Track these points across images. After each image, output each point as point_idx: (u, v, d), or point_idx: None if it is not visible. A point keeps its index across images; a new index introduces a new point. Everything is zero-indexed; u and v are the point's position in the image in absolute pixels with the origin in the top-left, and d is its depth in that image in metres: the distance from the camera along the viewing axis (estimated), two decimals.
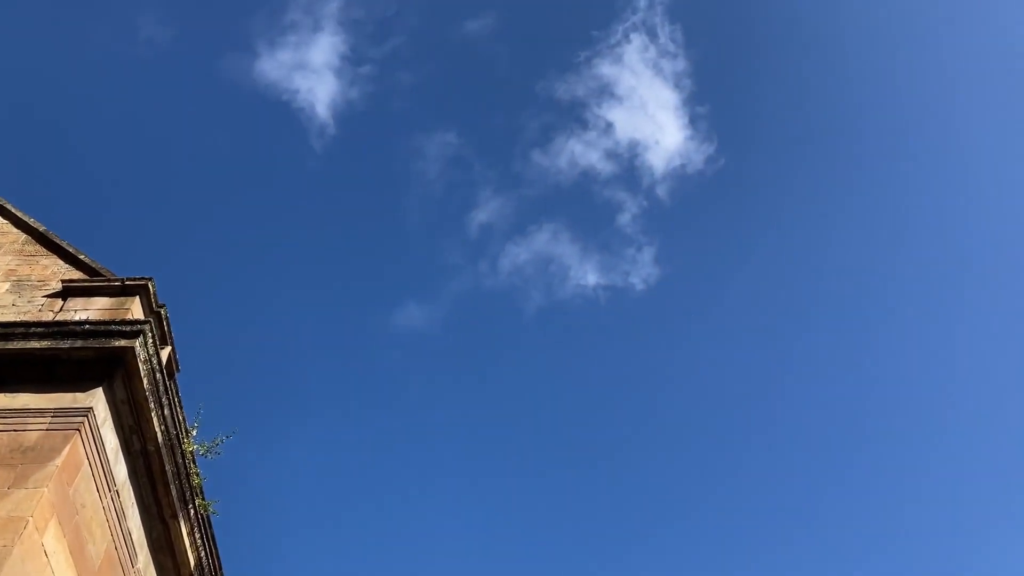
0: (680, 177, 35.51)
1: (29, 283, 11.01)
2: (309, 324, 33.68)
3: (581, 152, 35.90)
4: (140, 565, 10.14)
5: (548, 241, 34.72)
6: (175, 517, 10.22)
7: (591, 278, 34.90)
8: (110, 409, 9.65)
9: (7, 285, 11.00)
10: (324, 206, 34.69)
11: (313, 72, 34.92)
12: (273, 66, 34.57)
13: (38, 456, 9.01)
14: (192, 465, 10.37)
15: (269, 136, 35.01)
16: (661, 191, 35.75)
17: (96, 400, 9.38)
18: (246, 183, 34.21)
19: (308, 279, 34.02)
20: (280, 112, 34.89)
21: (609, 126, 36.33)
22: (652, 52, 36.72)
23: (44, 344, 9.57)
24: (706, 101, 36.63)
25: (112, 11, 33.91)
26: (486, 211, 34.97)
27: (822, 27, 37.44)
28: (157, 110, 34.27)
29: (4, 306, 10.66)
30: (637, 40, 36.78)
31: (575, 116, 36.63)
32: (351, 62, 35.38)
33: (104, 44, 33.60)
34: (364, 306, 34.09)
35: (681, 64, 36.43)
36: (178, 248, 32.68)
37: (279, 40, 35.06)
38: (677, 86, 36.42)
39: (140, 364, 9.68)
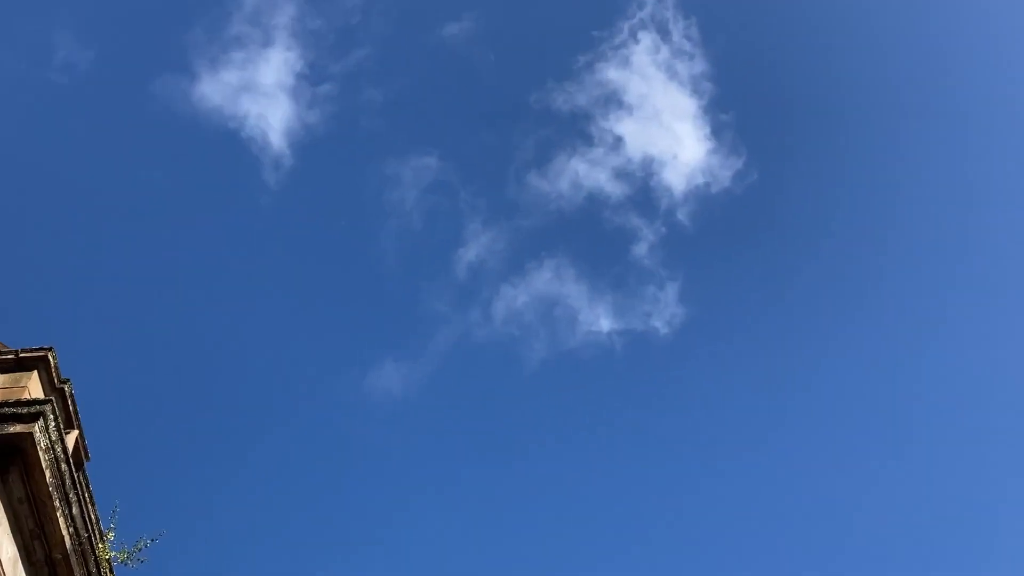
0: (704, 197, 35.26)
1: None
2: (259, 393, 33.24)
3: (586, 172, 35.47)
4: None
5: (551, 280, 34.27)
6: None
7: (604, 322, 34.33)
8: (6, 511, 9.31)
9: None
10: (280, 250, 34.28)
11: (263, 94, 34.65)
12: (215, 88, 34.32)
13: None
14: None
15: (213, 170, 34.77)
16: (683, 215, 35.24)
17: None
18: (184, 226, 33.84)
19: (259, 339, 33.50)
20: (226, 142, 34.70)
21: (618, 141, 35.82)
22: (664, 52, 36.51)
23: None
24: (730, 106, 36.26)
25: (21, 32, 33.82)
26: (475, 247, 34.48)
27: (865, 14, 37.38)
28: (74, 144, 34.05)
29: None
30: (646, 39, 36.60)
31: (577, 130, 36.15)
32: (308, 80, 35.11)
33: (12, 70, 33.38)
34: (329, 368, 33.77)
35: (699, 65, 36.20)
36: (87, 310, 32.32)
37: (222, 57, 34.88)
38: (695, 91, 36.20)
39: (41, 453, 9.37)
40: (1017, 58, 35.92)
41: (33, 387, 10.06)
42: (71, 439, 10.22)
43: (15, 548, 9.38)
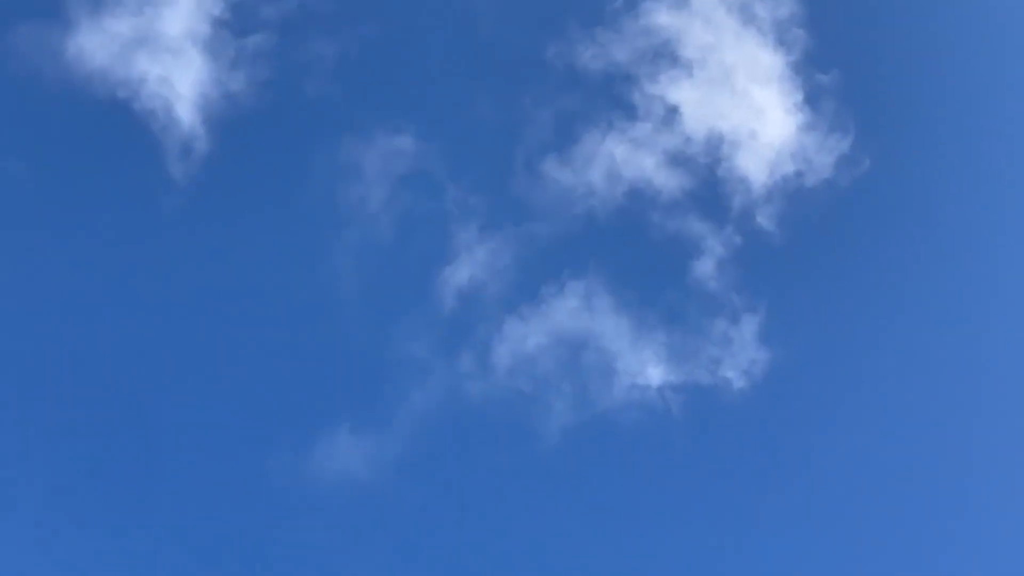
0: (795, 192, 26.15)
1: None
2: (155, 473, 23.36)
3: (627, 157, 26.26)
4: None
5: (577, 312, 25.00)
6: None
7: (654, 373, 24.94)
8: None
9: None
10: (190, 270, 24.37)
11: (167, 49, 24.84)
12: (98, 40, 24.59)
13: None
14: None
15: (94, 158, 24.64)
16: (764, 218, 26.06)
17: None
18: (52, 234, 23.88)
19: (154, 395, 23.57)
20: (113, 116, 24.60)
21: (672, 112, 26.41)
22: None
23: None
24: (831, 64, 26.74)
25: None
26: (468, 265, 25.08)
27: None
28: None
29: None
30: None
31: (614, 97, 26.59)
32: (231, 29, 25.42)
33: None
34: (259, 439, 23.54)
35: (786, 6, 27.21)
36: None
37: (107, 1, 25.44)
38: (781, 42, 26.98)
39: None
40: None
41: None
42: None
43: None
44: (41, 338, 23.44)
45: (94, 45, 24.65)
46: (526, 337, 24.70)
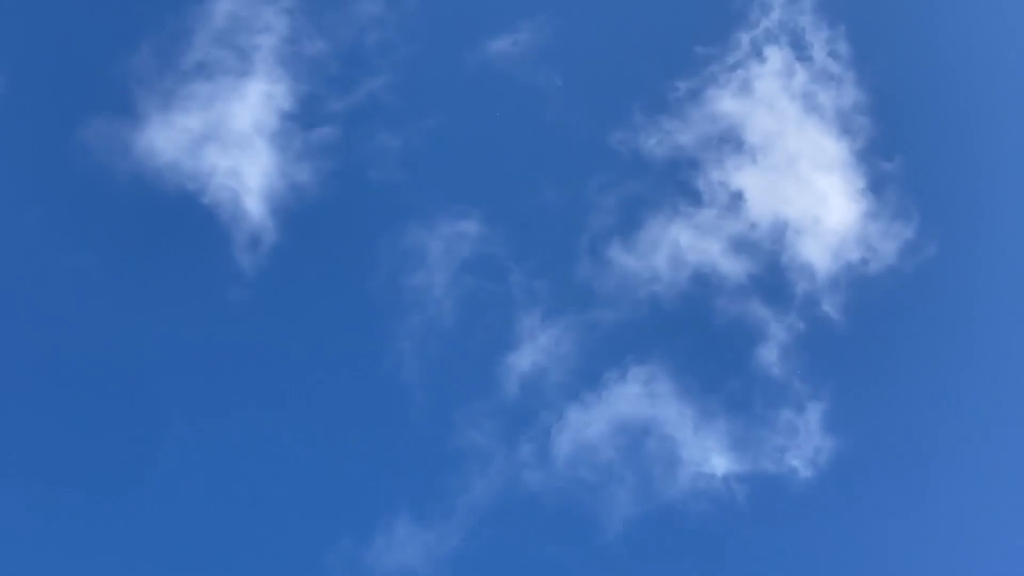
0: (859, 279, 25.61)
1: None
2: (230, 561, 23.31)
3: (690, 242, 25.94)
4: None
5: (639, 399, 24.55)
6: None
7: (719, 462, 24.51)
8: None
9: None
10: (257, 359, 24.39)
11: (235, 143, 25.01)
12: (168, 135, 24.94)
13: None
14: None
15: (164, 250, 25.06)
16: (829, 305, 25.52)
17: None
18: (125, 328, 24.28)
19: (232, 485, 23.72)
20: (182, 209, 25.10)
21: (736, 199, 26.19)
22: (801, 76, 26.91)
23: None
24: (895, 151, 26.50)
25: None
26: (531, 351, 24.84)
27: None
28: None
29: None
30: (774, 56, 27.06)
31: (678, 184, 26.43)
32: (299, 122, 25.43)
33: None
34: (316, 532, 23.65)
35: (849, 93, 26.78)
36: None
37: (178, 92, 25.41)
38: (845, 129, 26.70)
39: None
40: None
41: None
42: None
43: None
44: (115, 436, 23.66)
45: (164, 139, 25.08)
46: (588, 425, 24.56)
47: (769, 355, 25.10)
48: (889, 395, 25.37)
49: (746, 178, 26.29)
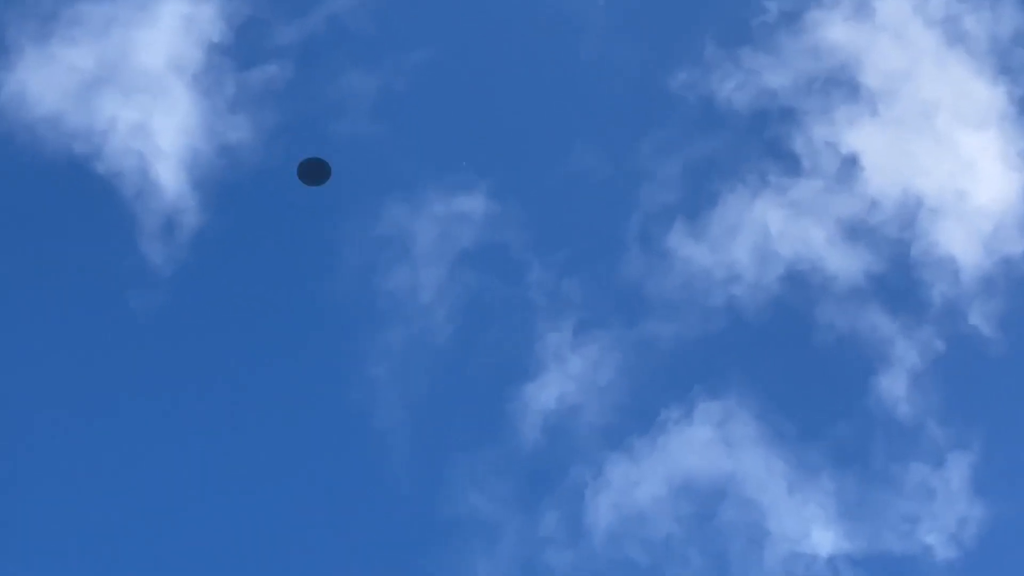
0: (1022, 280, 26.42)
1: None
2: None
3: (783, 227, 26.54)
4: None
5: (710, 446, 25.32)
6: None
7: (822, 537, 24.93)
8: None
9: None
10: (171, 395, 24.84)
11: (143, 88, 25.77)
12: (47, 79, 25.51)
13: None
14: None
15: (45, 239, 25.42)
16: (977, 316, 26.20)
17: None
18: None
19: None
20: (70, 180, 25.33)
21: (848, 165, 27.01)
22: None
23: None
24: None
25: None
26: (558, 380, 25.61)
27: None
28: None
29: None
30: None
31: (766, 145, 27.08)
32: (234, 59, 26.50)
33: None
34: None
35: (1009, 17, 27.43)
36: None
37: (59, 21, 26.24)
38: (1004, 68, 27.42)
39: None
40: None
41: None
42: None
43: None
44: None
45: (41, 82, 25.39)
46: (637, 484, 25.00)
47: (894, 386, 25.63)
48: None
49: (863, 136, 27.06)
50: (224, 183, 25.98)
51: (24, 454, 24.34)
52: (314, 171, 17.96)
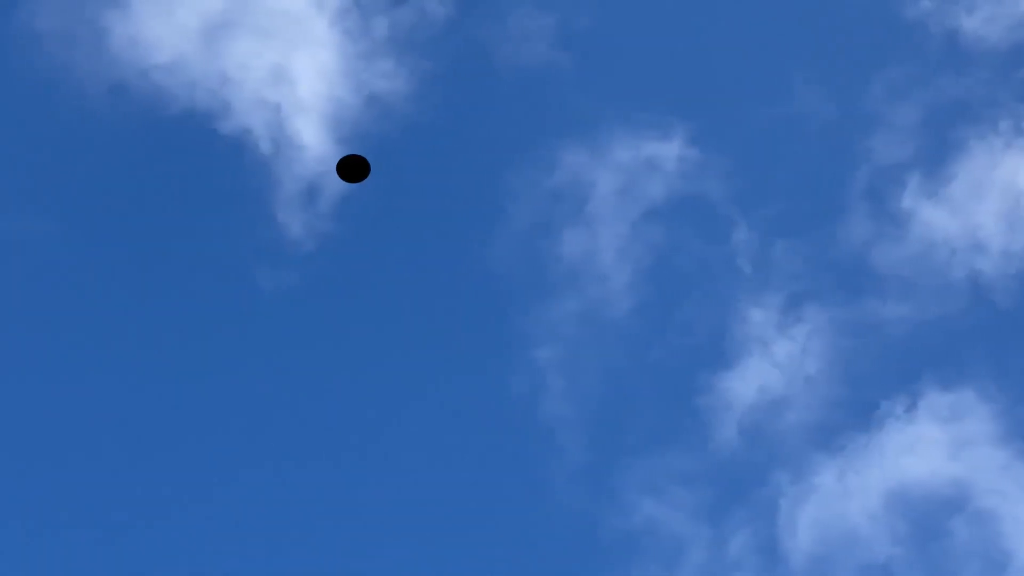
0: None
1: None
2: None
3: None
4: None
5: (940, 447, 22.74)
6: None
7: None
8: None
9: None
10: (311, 379, 23.10)
11: (275, 27, 23.72)
12: (162, 22, 23.74)
13: None
14: None
15: (159, 209, 23.65)
16: None
17: None
18: (99, 335, 22.90)
19: None
20: (190, 141, 23.60)
21: None
22: None
23: None
24: None
25: None
26: (760, 367, 23.16)
27: None
28: None
29: None
30: None
31: (1021, 82, 24.06)
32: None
33: None
34: None
35: None
36: None
37: None
38: None
39: None
40: None
41: None
42: None
43: None
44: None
45: (159, 28, 23.37)
46: (848, 494, 22.25)
47: None
48: None
49: None
50: (373, 139, 24.00)
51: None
52: (354, 168, 15.55)
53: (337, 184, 22.70)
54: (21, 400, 22.27)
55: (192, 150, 23.40)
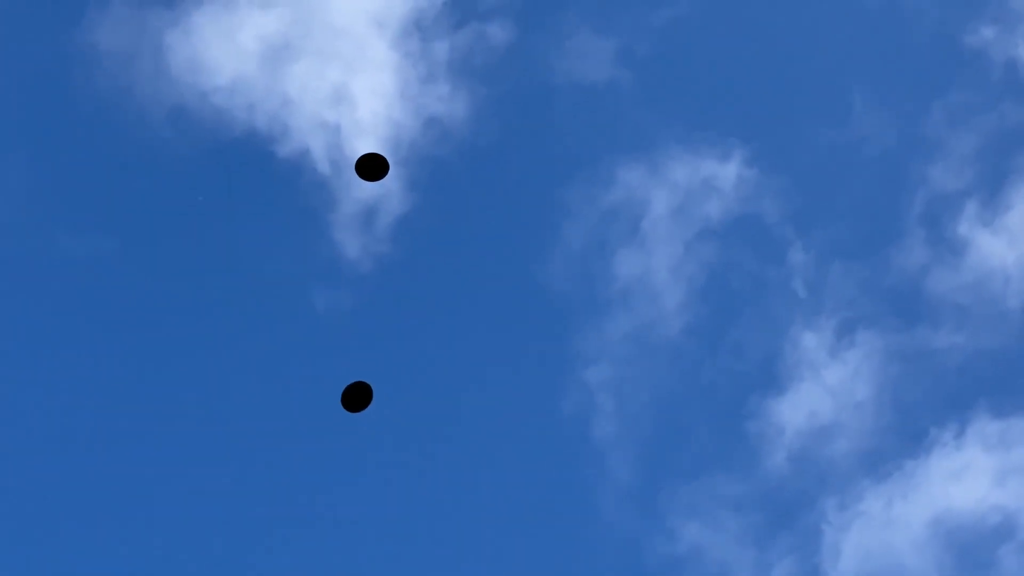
0: None
1: None
2: None
3: None
4: None
5: (989, 474, 22.49)
6: None
7: None
8: None
9: None
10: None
11: (334, 49, 24.08)
12: (221, 43, 24.11)
13: None
14: None
15: (217, 227, 23.62)
16: None
17: None
18: (159, 345, 23.23)
19: None
20: (246, 161, 23.75)
21: None
22: None
23: None
24: None
25: None
26: (811, 393, 23.24)
27: None
28: None
29: None
30: None
31: None
32: (442, 18, 24.55)
33: None
34: None
35: None
36: None
37: None
38: None
39: None
40: None
41: None
42: None
43: None
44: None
45: (219, 49, 23.58)
46: (894, 522, 22.15)
47: None
48: None
49: None
50: (431, 161, 24.11)
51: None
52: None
53: (394, 205, 23.15)
54: (84, 409, 22.77)
55: (251, 171, 23.78)
